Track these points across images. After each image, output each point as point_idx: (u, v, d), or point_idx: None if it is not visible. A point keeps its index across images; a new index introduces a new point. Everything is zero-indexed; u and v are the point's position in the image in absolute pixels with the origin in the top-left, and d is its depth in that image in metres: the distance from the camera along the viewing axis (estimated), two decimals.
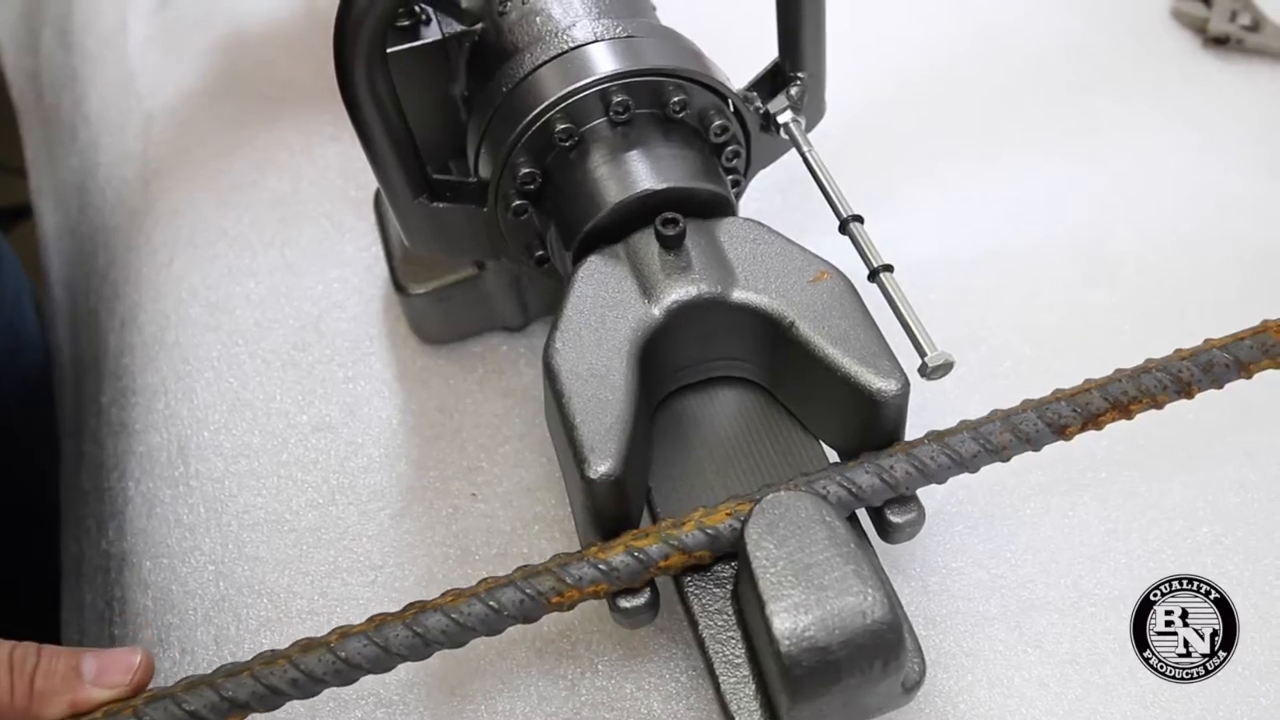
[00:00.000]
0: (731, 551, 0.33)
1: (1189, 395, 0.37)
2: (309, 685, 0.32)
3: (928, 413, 0.38)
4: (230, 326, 0.49)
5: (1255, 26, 0.58)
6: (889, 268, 0.36)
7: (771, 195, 0.51)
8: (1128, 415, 0.36)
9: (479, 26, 0.42)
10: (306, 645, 0.33)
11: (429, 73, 0.43)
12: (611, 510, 0.34)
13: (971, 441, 0.35)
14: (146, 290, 0.51)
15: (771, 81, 0.41)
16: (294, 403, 0.46)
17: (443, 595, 0.34)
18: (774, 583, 0.30)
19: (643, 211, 0.37)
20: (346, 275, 0.51)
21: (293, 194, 0.54)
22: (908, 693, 0.32)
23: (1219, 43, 0.58)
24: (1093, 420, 0.36)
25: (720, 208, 0.39)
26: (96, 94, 0.63)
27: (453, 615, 0.33)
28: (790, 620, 0.29)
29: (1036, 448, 0.36)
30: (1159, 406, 0.36)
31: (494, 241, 0.42)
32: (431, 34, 0.43)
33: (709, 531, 0.33)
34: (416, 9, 0.43)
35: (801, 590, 0.30)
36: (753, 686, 0.32)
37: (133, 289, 0.52)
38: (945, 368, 0.34)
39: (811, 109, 0.41)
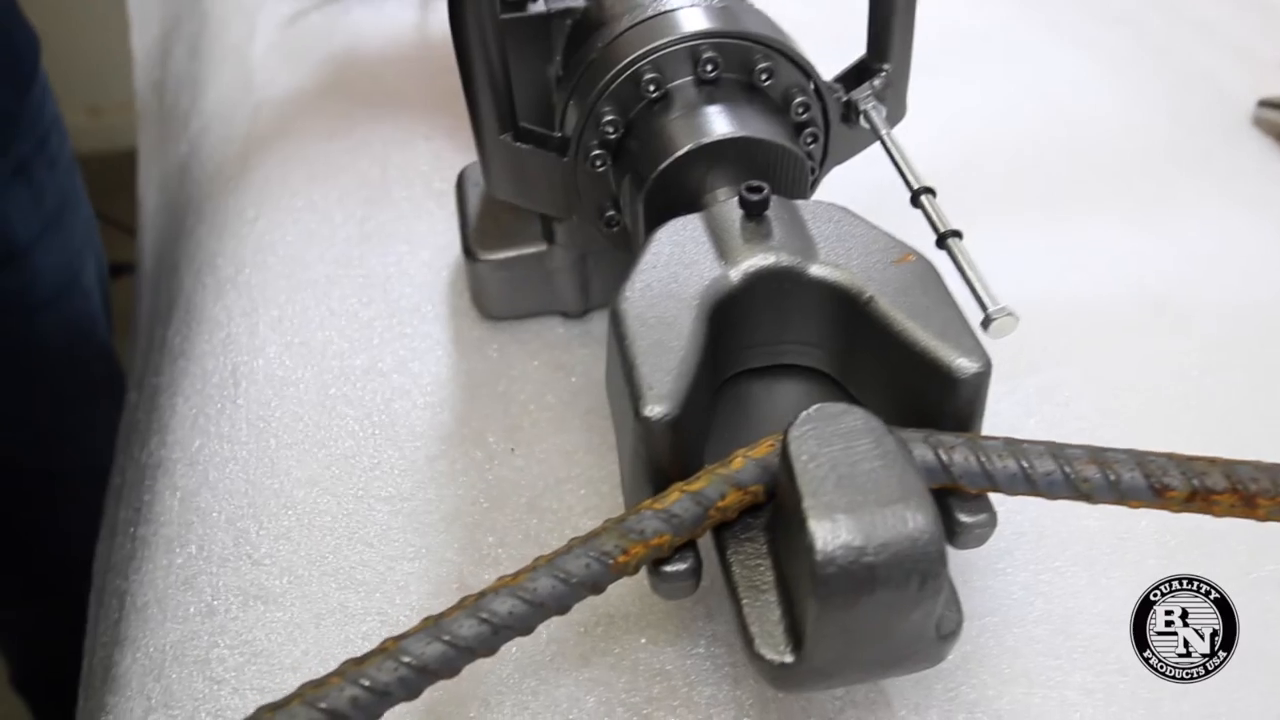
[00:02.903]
0: None
1: None
2: (374, 704, 0.27)
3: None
4: (301, 277, 0.50)
5: None
6: (958, 233, 0.36)
7: None
8: (1252, 509, 0.30)
9: (581, 4, 0.45)
10: (360, 660, 0.28)
11: (529, 47, 0.46)
12: (667, 459, 0.32)
13: (1050, 460, 0.31)
14: (228, 241, 0.53)
15: (856, 76, 0.43)
16: (350, 347, 0.47)
17: (498, 580, 0.30)
18: (813, 481, 0.28)
19: (718, 163, 0.38)
20: (418, 250, 0.52)
21: (380, 179, 0.56)
22: (942, 641, 0.30)
23: None
24: (1203, 496, 0.30)
25: (798, 180, 0.40)
26: (215, 91, 0.67)
27: (520, 594, 0.29)
28: (827, 518, 0.28)
29: (1121, 499, 0.31)
30: None
31: (569, 196, 0.42)
32: (537, 8, 0.45)
33: (761, 463, 0.32)
34: None
35: (842, 492, 0.28)
36: (777, 612, 0.30)
37: (215, 240, 0.53)
38: (1008, 322, 0.33)
39: (893, 103, 0.42)
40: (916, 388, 0.33)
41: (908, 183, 0.38)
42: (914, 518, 0.28)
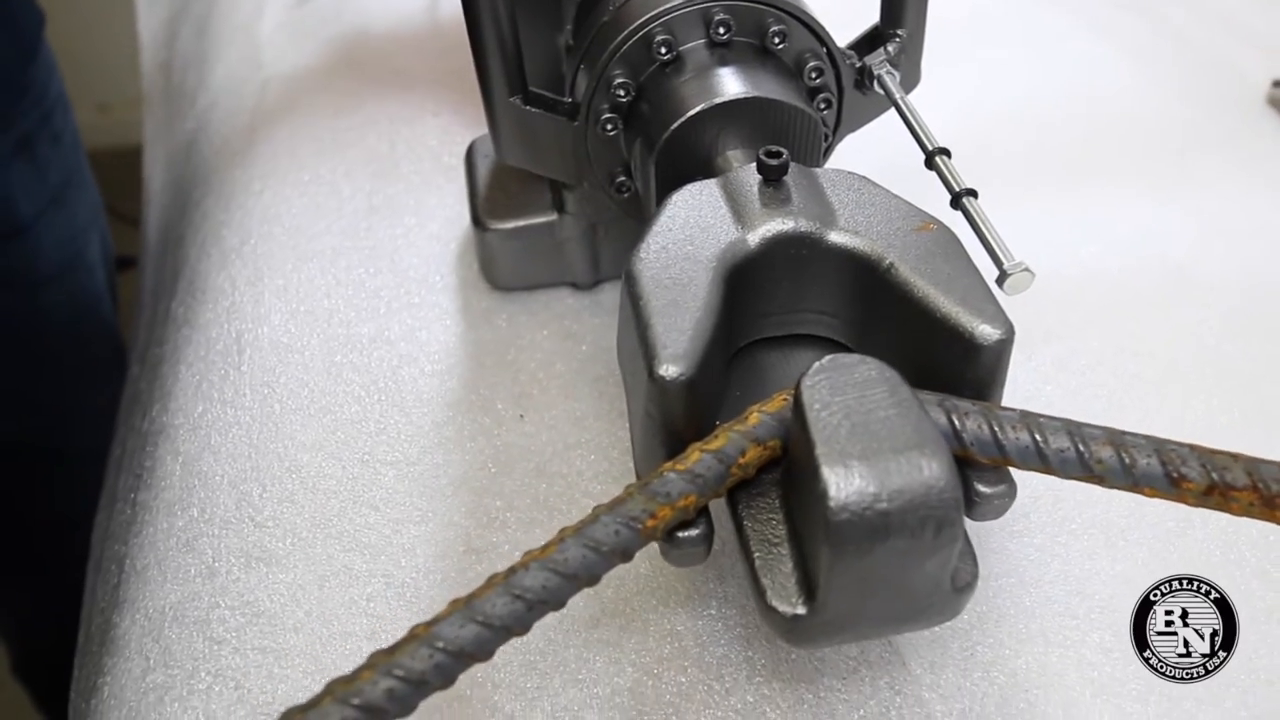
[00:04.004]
0: None
1: None
2: (410, 694, 0.26)
3: None
4: (307, 248, 0.50)
5: None
6: (973, 192, 0.35)
7: None
8: (1271, 511, 0.29)
9: None
10: (390, 650, 0.27)
11: (540, 16, 0.46)
12: (680, 421, 0.32)
13: (1065, 437, 0.30)
14: (234, 212, 0.52)
15: (870, 43, 0.42)
16: (357, 316, 0.46)
17: (525, 555, 0.29)
18: (826, 428, 0.28)
19: (730, 125, 0.38)
20: (426, 223, 0.52)
21: (388, 153, 0.56)
22: (958, 593, 0.29)
23: None
24: (1218, 492, 0.29)
25: (811, 144, 0.39)
26: (222, 69, 0.67)
27: (552, 567, 0.28)
28: (840, 464, 0.27)
29: (1135, 486, 0.30)
30: None
31: (579, 161, 0.42)
32: None
33: (776, 417, 0.31)
34: None
35: (856, 440, 0.28)
36: (790, 564, 0.30)
37: (221, 211, 0.53)
38: (1024, 278, 0.33)
39: (908, 70, 0.42)
40: (937, 356, 0.33)
41: (923, 145, 0.37)
42: (929, 465, 0.27)
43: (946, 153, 0.37)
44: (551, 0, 0.46)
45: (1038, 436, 0.30)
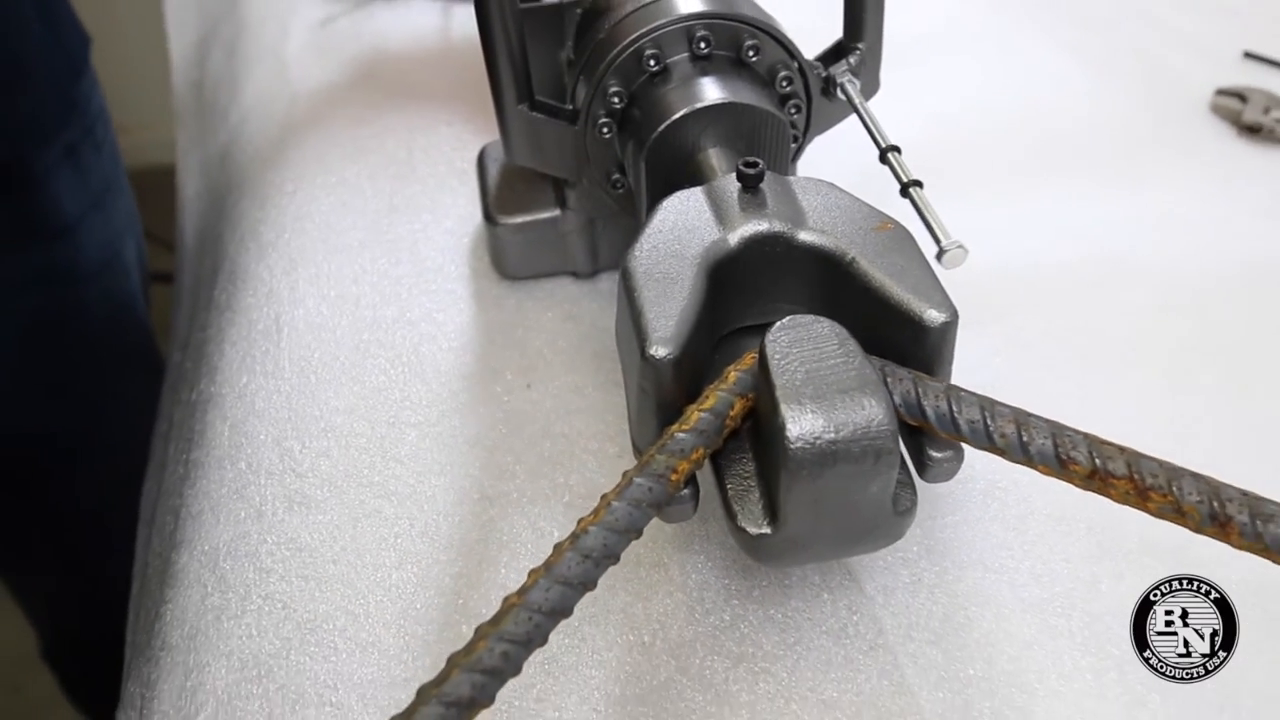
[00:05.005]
0: None
1: (1224, 535, 0.31)
2: (519, 654, 0.30)
3: None
4: (336, 241, 0.55)
5: None
6: (919, 183, 0.41)
7: None
8: (1144, 501, 0.32)
9: None
10: (495, 621, 0.30)
11: (545, 34, 0.51)
12: (670, 395, 0.37)
13: (977, 410, 0.34)
14: (269, 210, 0.58)
15: (834, 55, 0.48)
16: (381, 300, 0.52)
17: (579, 522, 0.33)
18: (785, 374, 0.33)
19: (710, 126, 0.43)
20: (441, 219, 0.57)
21: (406, 158, 0.62)
22: (899, 517, 0.35)
23: (1252, 131, 0.63)
24: (1099, 478, 0.32)
25: (780, 143, 0.45)
26: (252, 87, 0.73)
27: (608, 527, 0.33)
28: (796, 404, 0.33)
29: (1031, 462, 0.34)
30: (1183, 519, 0.31)
31: (579, 161, 0.48)
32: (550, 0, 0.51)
33: (750, 372, 0.36)
34: None
35: (810, 383, 0.33)
36: (757, 494, 0.35)
37: (257, 209, 0.59)
38: (959, 254, 0.38)
39: (867, 79, 0.48)
40: (892, 338, 0.37)
41: (876, 142, 0.43)
42: (869, 403, 0.33)
43: (897, 149, 0.43)
44: (555, 20, 0.51)
45: (954, 407, 0.35)
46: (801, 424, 0.32)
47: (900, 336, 0.37)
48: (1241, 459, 0.43)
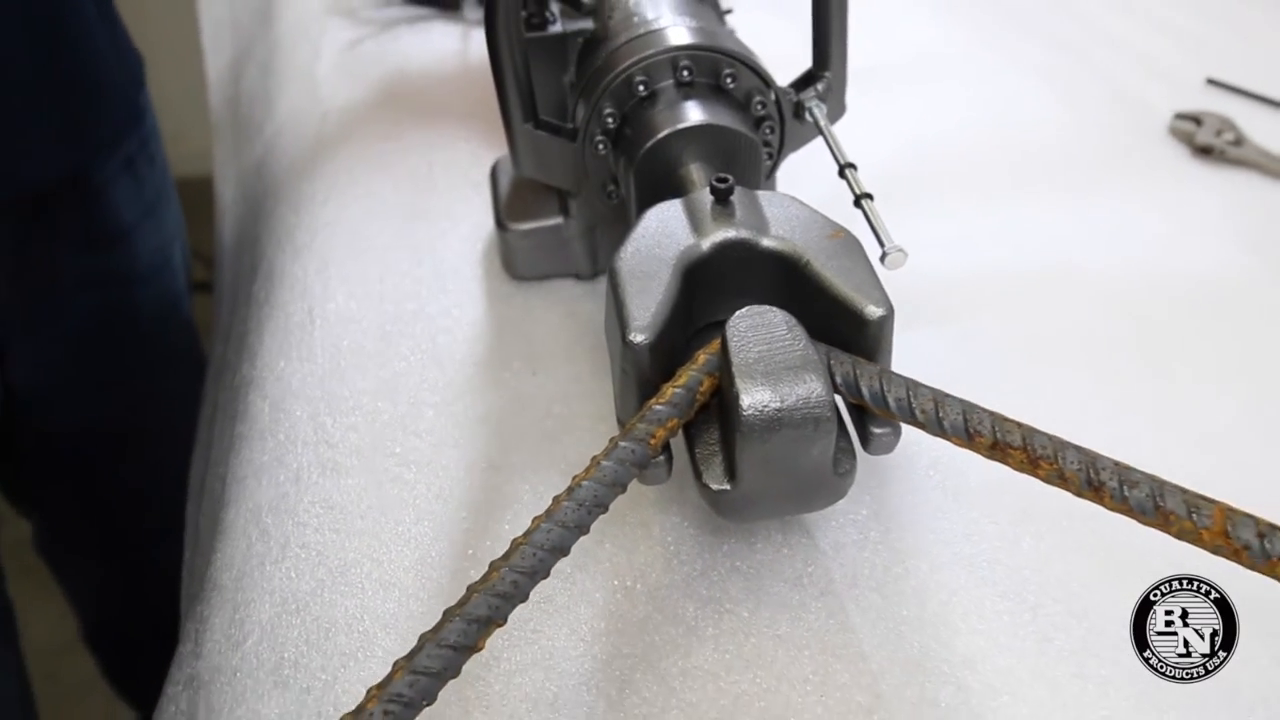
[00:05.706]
0: None
1: (1098, 498, 0.36)
2: (526, 583, 0.35)
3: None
4: (364, 245, 0.62)
5: (1237, 142, 0.69)
6: (870, 196, 0.47)
7: None
8: (1034, 469, 0.37)
9: (591, 26, 0.57)
10: (505, 557, 0.36)
11: (549, 60, 0.58)
12: (647, 375, 0.43)
13: (903, 389, 0.40)
14: (304, 216, 0.65)
15: (804, 82, 0.54)
16: (403, 296, 0.58)
17: (574, 478, 0.38)
18: (742, 353, 0.40)
19: (691, 144, 0.50)
20: (457, 226, 0.64)
21: (426, 172, 0.68)
22: (840, 478, 0.41)
23: (1205, 152, 0.69)
24: (1000, 448, 0.38)
25: (753, 159, 0.51)
26: (286, 103, 0.80)
27: (598, 479, 0.38)
28: (750, 380, 0.39)
29: (945, 434, 0.39)
30: (1066, 484, 0.36)
31: (579, 173, 0.54)
32: (555, 29, 0.58)
33: (716, 355, 0.42)
34: (547, 14, 0.58)
35: (762, 363, 0.39)
36: (719, 458, 0.41)
37: (293, 215, 0.66)
38: (899, 257, 0.44)
39: (834, 103, 0.54)
40: (839, 330, 0.43)
41: (836, 159, 0.49)
42: (810, 379, 0.39)
43: (853, 166, 0.49)
44: (559, 47, 0.58)
45: (884, 386, 0.41)
46: (753, 395, 0.39)
47: (846, 328, 0.43)
48: (1170, 450, 0.46)
